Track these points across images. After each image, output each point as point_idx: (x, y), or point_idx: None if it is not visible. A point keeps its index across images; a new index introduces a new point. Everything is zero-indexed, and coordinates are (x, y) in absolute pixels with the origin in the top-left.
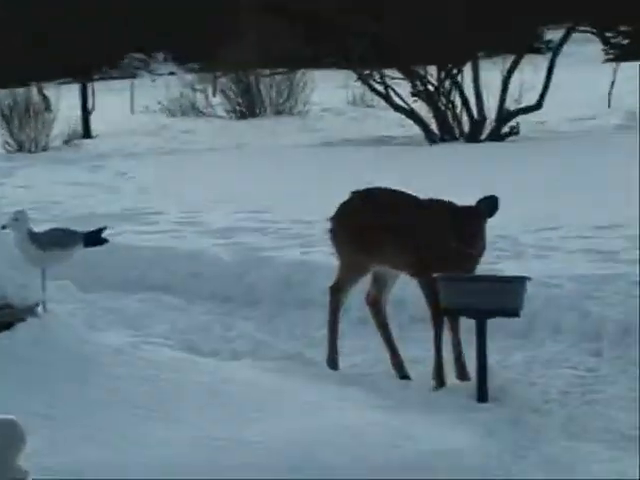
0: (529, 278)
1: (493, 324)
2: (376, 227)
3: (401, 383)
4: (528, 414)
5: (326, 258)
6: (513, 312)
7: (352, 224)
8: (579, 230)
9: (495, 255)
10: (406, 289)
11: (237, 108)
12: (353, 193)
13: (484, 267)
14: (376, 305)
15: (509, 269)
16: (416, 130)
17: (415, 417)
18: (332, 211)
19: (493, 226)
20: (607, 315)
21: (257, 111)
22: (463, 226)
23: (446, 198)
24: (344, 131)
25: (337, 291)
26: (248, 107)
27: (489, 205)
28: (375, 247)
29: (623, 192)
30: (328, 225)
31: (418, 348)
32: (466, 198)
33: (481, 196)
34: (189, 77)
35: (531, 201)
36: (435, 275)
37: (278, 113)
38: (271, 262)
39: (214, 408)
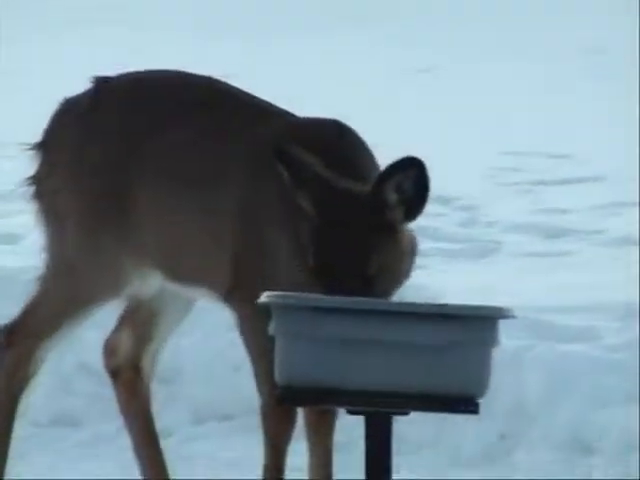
0: (511, 314)
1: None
2: (143, 172)
3: None
4: None
5: None
6: (465, 399)
7: (90, 159)
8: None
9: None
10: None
11: None
12: (97, 82)
13: None
14: (131, 375)
15: (444, 287)
16: None
17: None
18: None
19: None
20: None
21: None
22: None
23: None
24: None
25: (25, 338)
26: None
27: (409, 181)
28: (139, 225)
29: None
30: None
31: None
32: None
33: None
34: None
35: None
36: (267, 297)
37: None
38: None
39: None
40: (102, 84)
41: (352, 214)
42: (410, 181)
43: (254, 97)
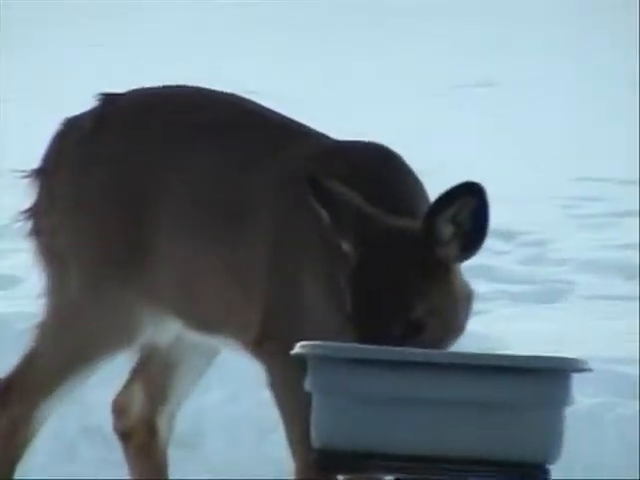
0: (586, 366)
1: None
2: (158, 199)
3: None
4: None
5: None
6: (533, 467)
7: (94, 185)
8: None
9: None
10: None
11: None
12: (103, 99)
13: None
14: (145, 438)
15: (506, 336)
16: None
17: None
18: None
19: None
20: None
21: None
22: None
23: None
24: None
25: (23, 395)
26: None
27: (466, 210)
28: (153, 262)
29: None
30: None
31: None
32: None
33: None
34: None
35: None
36: (302, 348)
37: None
38: None
39: None
40: (108, 101)
41: (395, 252)
42: (468, 211)
43: (283, 116)
